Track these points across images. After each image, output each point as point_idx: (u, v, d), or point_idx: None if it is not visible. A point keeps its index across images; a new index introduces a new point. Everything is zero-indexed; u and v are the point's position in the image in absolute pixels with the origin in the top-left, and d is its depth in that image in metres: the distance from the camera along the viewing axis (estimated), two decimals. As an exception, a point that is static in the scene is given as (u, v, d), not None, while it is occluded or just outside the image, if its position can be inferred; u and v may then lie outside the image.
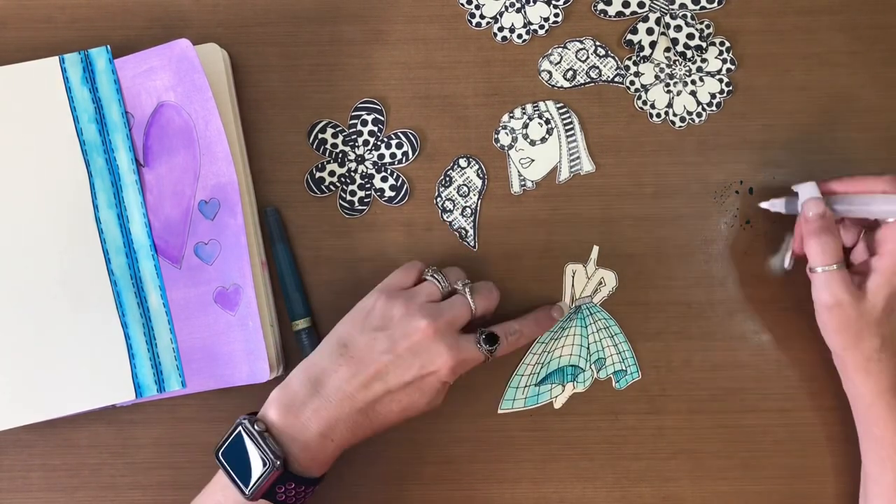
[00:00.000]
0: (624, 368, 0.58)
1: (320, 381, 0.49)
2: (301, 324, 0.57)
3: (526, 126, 0.58)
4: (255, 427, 0.48)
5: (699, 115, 0.59)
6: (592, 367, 0.58)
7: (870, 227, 0.53)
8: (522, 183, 0.58)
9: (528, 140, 0.58)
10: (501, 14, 0.59)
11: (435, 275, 0.53)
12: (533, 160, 0.58)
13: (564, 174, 0.58)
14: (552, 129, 0.58)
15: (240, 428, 0.49)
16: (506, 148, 0.58)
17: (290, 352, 0.58)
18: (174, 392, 0.55)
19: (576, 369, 0.58)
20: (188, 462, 0.58)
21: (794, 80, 0.59)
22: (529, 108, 0.58)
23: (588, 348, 0.58)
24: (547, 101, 0.58)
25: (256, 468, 0.48)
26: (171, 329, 0.55)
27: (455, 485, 0.58)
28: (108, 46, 0.56)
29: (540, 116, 0.58)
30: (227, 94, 0.57)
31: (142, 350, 0.55)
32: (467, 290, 0.52)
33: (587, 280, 0.58)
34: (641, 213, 0.59)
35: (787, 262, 0.57)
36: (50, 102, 0.55)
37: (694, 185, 0.59)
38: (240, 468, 0.48)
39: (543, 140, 0.58)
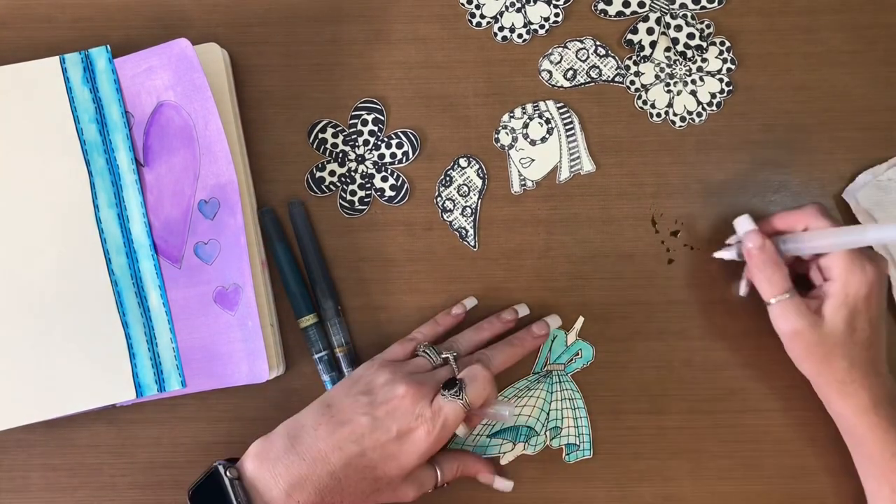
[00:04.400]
0: (577, 443, 0.58)
1: (298, 437, 0.50)
2: (309, 320, 0.57)
3: (526, 126, 0.58)
4: (228, 473, 0.48)
5: (699, 114, 0.59)
6: (547, 433, 0.58)
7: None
8: (522, 182, 0.58)
9: (529, 140, 0.58)
10: (502, 14, 0.59)
11: (426, 350, 0.54)
12: (533, 160, 0.58)
13: (565, 174, 0.58)
14: (552, 128, 0.58)
15: (213, 471, 0.49)
16: (506, 147, 0.58)
17: (291, 352, 0.58)
18: (174, 392, 0.55)
19: (530, 431, 0.57)
20: (188, 462, 0.58)
21: (794, 80, 0.59)
22: (530, 107, 0.58)
23: (548, 414, 0.58)
24: (547, 101, 0.58)
25: None
26: (171, 329, 0.55)
27: (455, 484, 0.57)
28: (108, 46, 0.56)
29: (540, 116, 0.58)
30: (227, 94, 0.57)
31: (142, 349, 0.55)
32: (452, 359, 0.53)
33: (565, 348, 0.58)
34: (641, 213, 0.59)
35: (742, 289, 0.56)
36: (50, 102, 0.55)
37: (694, 185, 0.59)
38: None
39: (544, 140, 0.58)
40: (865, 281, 0.50)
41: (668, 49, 0.59)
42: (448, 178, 0.59)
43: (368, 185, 0.59)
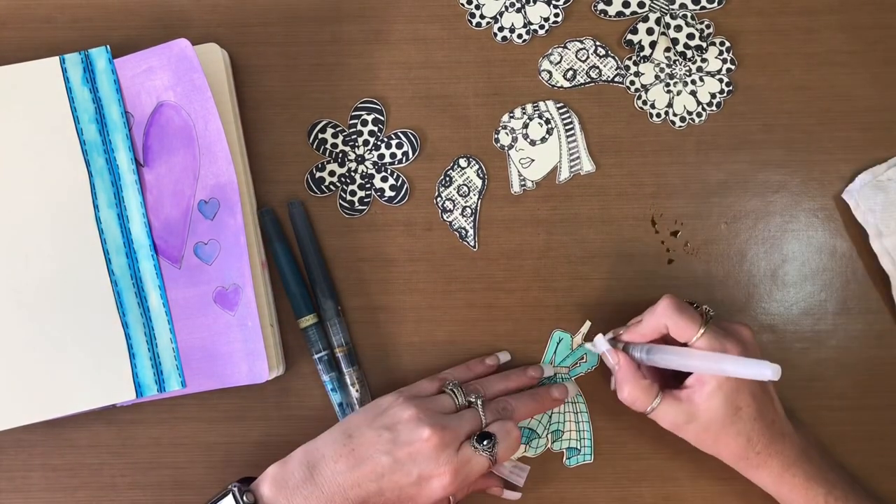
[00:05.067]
0: (579, 448, 0.57)
1: (317, 467, 0.49)
2: (309, 320, 0.57)
3: (526, 126, 0.58)
4: (245, 498, 0.48)
5: (699, 114, 0.59)
6: (549, 436, 0.57)
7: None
8: (522, 183, 0.58)
9: (529, 140, 0.58)
10: (501, 14, 0.59)
11: (454, 389, 0.53)
12: (533, 160, 0.58)
13: (564, 174, 0.58)
14: (552, 128, 0.58)
15: (229, 495, 0.49)
16: (506, 148, 0.58)
17: (291, 352, 0.58)
18: (174, 392, 0.55)
19: (531, 433, 0.57)
20: (188, 462, 0.58)
21: (794, 80, 0.59)
22: (529, 107, 0.58)
23: (550, 417, 0.57)
24: (547, 101, 0.58)
25: None
26: (171, 329, 0.55)
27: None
28: (108, 46, 0.56)
29: (540, 116, 0.58)
30: (227, 94, 0.57)
31: (142, 350, 0.55)
32: (479, 403, 0.52)
33: (570, 352, 0.58)
34: (641, 213, 0.59)
35: (613, 385, 0.56)
36: (50, 102, 0.55)
37: (694, 185, 0.59)
38: None
39: (543, 140, 0.58)
40: None
41: (667, 49, 0.59)
42: (448, 179, 0.59)
43: (368, 186, 0.59)
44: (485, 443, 0.50)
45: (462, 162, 0.59)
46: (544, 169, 0.58)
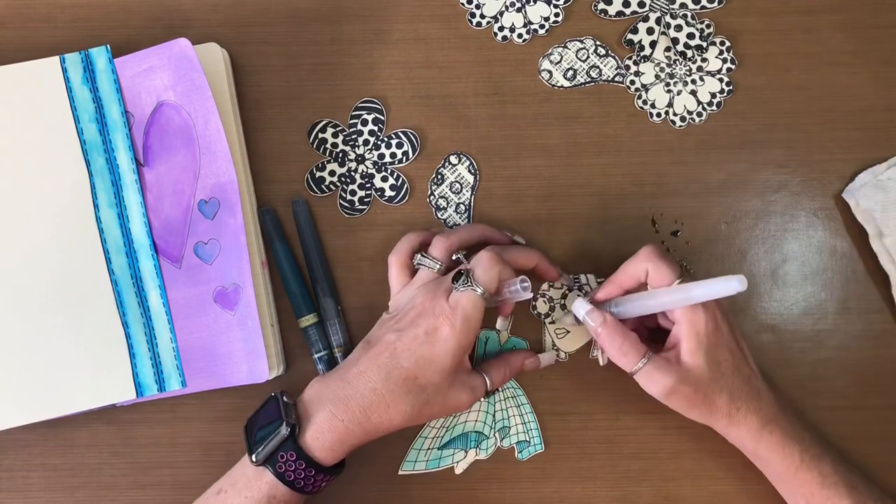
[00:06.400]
0: (527, 440, 0.57)
1: (346, 368, 0.52)
2: (309, 320, 0.57)
3: (564, 296, 0.58)
4: (285, 398, 0.51)
5: (699, 114, 0.59)
6: (496, 434, 0.57)
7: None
8: (557, 353, 0.58)
9: (566, 311, 0.58)
10: (502, 13, 0.59)
11: (422, 259, 0.54)
12: (568, 332, 0.58)
13: (597, 351, 0.57)
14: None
15: (270, 397, 0.52)
16: (542, 316, 0.58)
17: (291, 351, 0.58)
18: (174, 392, 0.55)
19: (479, 436, 0.57)
20: (188, 462, 0.58)
21: (794, 79, 0.59)
22: (571, 276, 0.58)
23: (493, 416, 0.57)
24: (588, 275, 0.58)
25: (268, 431, 0.50)
26: (171, 329, 0.55)
27: (455, 483, 0.58)
28: (108, 46, 0.56)
29: (581, 289, 0.58)
30: (227, 94, 0.57)
31: (142, 349, 0.55)
32: (462, 257, 0.54)
33: (499, 347, 0.58)
34: (641, 213, 0.59)
35: (601, 360, 0.56)
36: (50, 102, 0.55)
37: (694, 185, 0.59)
38: (255, 436, 0.51)
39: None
40: (708, 314, 0.51)
41: (668, 49, 0.59)
42: (440, 177, 0.59)
43: (368, 185, 0.59)
44: (461, 280, 0.51)
45: (453, 159, 0.59)
46: (578, 342, 0.58)
